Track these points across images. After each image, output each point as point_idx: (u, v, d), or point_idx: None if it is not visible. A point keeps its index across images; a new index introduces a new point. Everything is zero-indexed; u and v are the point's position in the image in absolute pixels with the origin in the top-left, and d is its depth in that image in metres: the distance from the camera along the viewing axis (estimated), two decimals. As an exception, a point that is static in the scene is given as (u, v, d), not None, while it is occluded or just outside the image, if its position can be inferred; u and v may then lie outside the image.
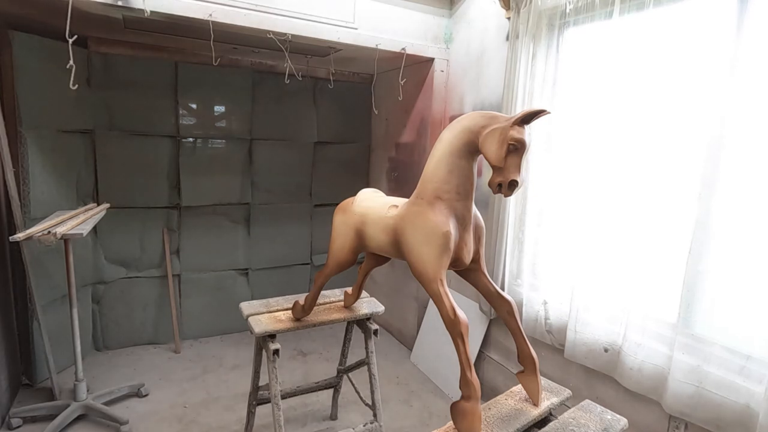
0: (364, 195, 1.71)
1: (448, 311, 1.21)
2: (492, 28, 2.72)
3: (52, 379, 2.52)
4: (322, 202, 3.95)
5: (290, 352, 3.34)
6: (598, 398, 2.08)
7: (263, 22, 2.47)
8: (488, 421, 1.28)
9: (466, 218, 1.29)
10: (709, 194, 1.64)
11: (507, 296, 1.37)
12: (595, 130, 2.02)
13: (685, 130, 1.78)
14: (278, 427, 1.84)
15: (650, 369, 1.82)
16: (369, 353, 2.12)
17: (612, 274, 2.00)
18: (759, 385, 1.51)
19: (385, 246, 1.49)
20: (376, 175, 4.04)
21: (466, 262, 1.34)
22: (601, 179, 1.99)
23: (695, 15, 1.76)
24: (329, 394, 2.63)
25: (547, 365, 2.35)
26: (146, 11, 2.14)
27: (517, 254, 2.47)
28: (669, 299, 1.80)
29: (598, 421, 1.32)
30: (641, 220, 1.88)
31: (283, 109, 3.65)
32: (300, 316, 1.90)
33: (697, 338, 1.70)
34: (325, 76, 3.52)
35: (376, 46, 2.78)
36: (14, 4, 2.21)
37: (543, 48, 2.31)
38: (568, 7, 2.13)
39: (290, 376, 3.00)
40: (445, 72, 3.15)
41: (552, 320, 2.29)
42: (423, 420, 2.65)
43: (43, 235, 2.04)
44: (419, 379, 3.10)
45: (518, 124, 1.12)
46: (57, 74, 2.49)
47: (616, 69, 1.92)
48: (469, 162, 1.26)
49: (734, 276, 1.61)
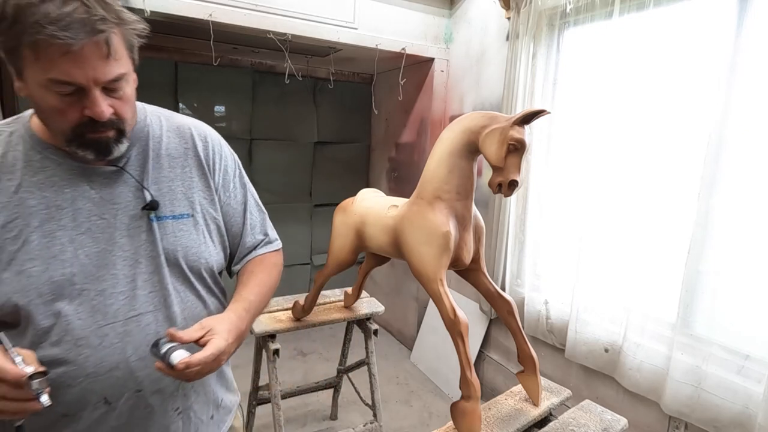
0: (364, 195, 1.71)
1: (448, 311, 1.21)
2: (492, 28, 2.72)
3: (52, 379, 2.52)
4: (322, 202, 3.95)
5: (290, 352, 3.34)
6: (598, 398, 2.08)
7: (263, 22, 2.46)
8: (488, 421, 1.28)
9: (466, 218, 1.29)
10: (708, 194, 1.64)
11: (507, 296, 1.37)
12: (596, 130, 2.02)
13: (685, 130, 1.78)
14: (278, 427, 1.84)
15: (649, 369, 1.82)
16: (369, 353, 2.12)
17: (612, 274, 2.00)
18: (758, 385, 1.51)
19: (385, 246, 1.49)
20: (376, 175, 4.04)
21: (466, 262, 1.34)
22: (602, 179, 1.99)
23: (695, 15, 1.76)
24: (329, 394, 2.63)
25: (548, 365, 2.35)
26: (146, 11, 2.14)
27: (518, 254, 2.47)
28: (668, 299, 1.80)
29: (598, 421, 1.32)
30: (641, 220, 1.88)
31: (283, 109, 3.65)
32: (300, 316, 1.90)
33: (697, 338, 1.70)
34: (325, 76, 3.52)
35: (376, 46, 2.78)
36: (14, 4, 2.21)
37: (543, 48, 2.31)
38: (568, 7, 2.13)
39: (290, 376, 3.00)
40: (445, 72, 3.15)
41: (553, 320, 2.29)
42: (423, 420, 2.66)
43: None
44: (419, 379, 3.10)
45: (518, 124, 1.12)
46: (57, 74, 2.49)
47: (617, 69, 1.92)
48: (469, 162, 1.26)
49: (734, 276, 1.61)
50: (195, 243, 0.89)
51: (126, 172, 0.83)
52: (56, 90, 0.69)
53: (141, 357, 0.81)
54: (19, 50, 0.67)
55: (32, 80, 0.69)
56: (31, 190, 0.76)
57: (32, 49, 0.65)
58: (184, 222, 0.87)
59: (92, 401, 0.79)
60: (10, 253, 0.73)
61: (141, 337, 0.81)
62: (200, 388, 0.94)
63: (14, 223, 0.74)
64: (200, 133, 0.96)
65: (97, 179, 0.80)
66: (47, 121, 0.75)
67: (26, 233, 0.75)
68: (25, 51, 0.66)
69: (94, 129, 0.73)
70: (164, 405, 0.86)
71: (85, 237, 0.78)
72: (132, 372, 0.80)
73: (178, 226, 0.86)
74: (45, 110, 0.72)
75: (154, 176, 0.86)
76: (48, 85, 0.68)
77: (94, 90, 0.70)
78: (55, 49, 0.65)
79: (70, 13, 0.64)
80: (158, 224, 0.84)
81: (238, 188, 1.00)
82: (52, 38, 0.64)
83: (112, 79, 0.72)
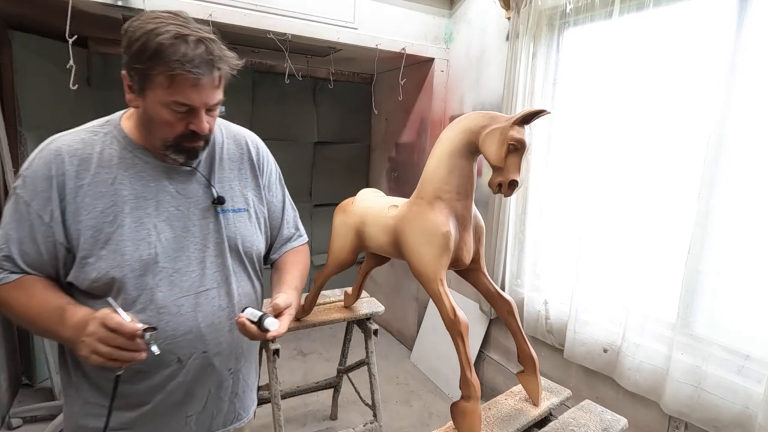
0: (364, 195, 1.71)
1: (448, 311, 1.21)
2: (492, 28, 2.72)
3: (52, 379, 2.52)
4: (322, 202, 3.94)
5: (290, 352, 3.34)
6: (598, 398, 2.08)
7: (263, 22, 2.47)
8: (488, 421, 1.28)
9: (466, 218, 1.29)
10: (708, 194, 1.64)
11: (507, 296, 1.37)
12: (596, 130, 2.02)
13: (685, 129, 1.78)
14: (278, 427, 1.84)
15: (649, 369, 1.82)
16: (369, 353, 2.12)
17: (612, 275, 2.00)
18: (758, 385, 1.51)
19: (385, 246, 1.49)
20: (376, 175, 4.04)
21: (466, 262, 1.34)
22: (602, 179, 1.99)
23: (695, 15, 1.76)
24: (329, 394, 2.63)
25: (547, 365, 2.35)
26: (146, 11, 2.14)
27: (518, 254, 2.47)
28: (668, 299, 1.80)
29: (598, 421, 1.32)
30: (641, 220, 1.88)
31: (283, 109, 3.65)
32: (300, 316, 1.90)
33: (696, 338, 1.70)
34: (325, 76, 3.52)
35: (376, 46, 2.78)
36: (14, 4, 2.21)
37: (543, 48, 2.31)
38: (568, 7, 2.13)
39: (290, 376, 3.00)
40: (445, 72, 3.15)
41: (552, 320, 2.29)
42: (423, 420, 2.66)
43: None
44: (419, 379, 3.10)
45: (518, 124, 1.12)
46: (57, 74, 2.48)
47: (616, 69, 1.92)
48: (469, 162, 1.26)
49: (733, 276, 1.61)
50: (249, 233, 1.06)
51: (198, 172, 1.01)
52: (174, 109, 0.87)
53: (208, 324, 0.98)
54: (151, 76, 0.84)
55: (155, 99, 0.86)
56: (123, 183, 0.92)
57: (168, 78, 0.84)
58: (241, 215, 1.05)
59: (168, 360, 0.95)
60: (107, 234, 0.90)
61: (208, 308, 0.99)
62: (249, 356, 1.12)
63: (111, 210, 0.90)
64: (252, 141, 1.17)
65: (175, 177, 0.97)
66: (154, 130, 0.91)
67: (120, 218, 0.91)
68: (159, 78, 0.84)
69: (192, 140, 0.92)
70: (222, 365, 1.03)
71: (165, 224, 0.95)
72: (201, 336, 0.97)
73: (237, 218, 1.04)
74: (157, 122, 0.89)
75: (218, 176, 1.04)
76: (169, 104, 0.86)
77: (201, 111, 0.89)
78: (187, 82, 0.84)
79: (200, 55, 0.84)
80: (223, 216, 1.02)
81: (279, 189, 1.21)
82: (188, 73, 0.83)
83: (215, 104, 0.91)
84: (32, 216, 0.88)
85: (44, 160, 0.90)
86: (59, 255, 0.90)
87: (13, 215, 0.89)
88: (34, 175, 0.89)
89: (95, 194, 0.90)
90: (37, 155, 0.91)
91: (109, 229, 0.90)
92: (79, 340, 0.81)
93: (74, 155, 0.91)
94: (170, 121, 0.88)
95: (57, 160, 0.90)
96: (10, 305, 0.89)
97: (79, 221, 0.89)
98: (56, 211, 0.88)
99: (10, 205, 0.90)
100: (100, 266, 0.89)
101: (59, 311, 0.86)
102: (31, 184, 0.89)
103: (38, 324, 0.89)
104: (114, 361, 0.80)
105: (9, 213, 0.90)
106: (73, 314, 0.85)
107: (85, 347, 0.80)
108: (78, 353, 0.82)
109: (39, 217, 0.88)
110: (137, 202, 0.92)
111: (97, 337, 0.79)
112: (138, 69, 0.85)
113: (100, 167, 0.91)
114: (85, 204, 0.89)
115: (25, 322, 0.90)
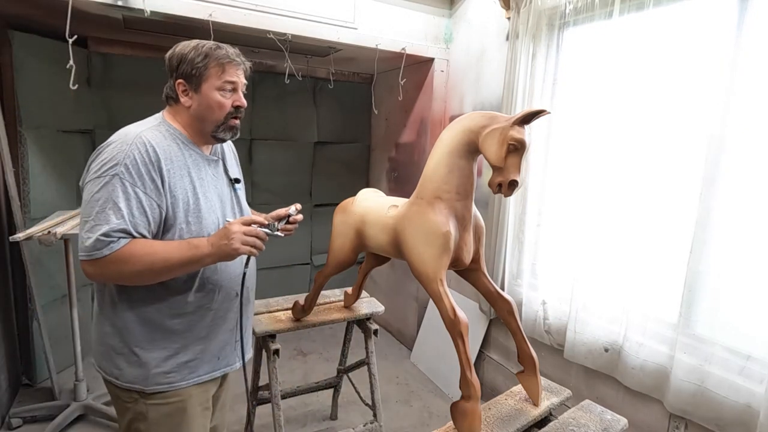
0: (364, 195, 1.71)
1: (448, 311, 1.21)
2: (492, 28, 2.72)
3: (52, 379, 2.52)
4: (322, 202, 3.95)
5: (290, 352, 3.34)
6: (598, 398, 2.08)
7: (263, 22, 2.47)
8: (488, 421, 1.28)
9: (466, 218, 1.29)
10: (709, 194, 1.64)
11: (507, 296, 1.37)
12: (596, 130, 2.02)
13: (686, 129, 1.78)
14: (278, 427, 1.84)
15: (652, 368, 1.82)
16: (369, 353, 2.12)
17: (612, 274, 2.00)
18: (759, 385, 1.51)
19: (385, 246, 1.49)
20: (376, 175, 4.04)
21: (466, 262, 1.34)
22: (602, 179, 1.99)
23: (695, 15, 1.76)
24: (329, 394, 2.63)
25: (547, 365, 2.35)
26: (146, 11, 2.14)
27: (517, 254, 2.47)
28: (669, 299, 1.80)
29: (598, 421, 1.32)
30: (641, 220, 1.88)
31: (283, 109, 3.65)
32: (300, 316, 1.90)
33: (699, 338, 1.70)
34: (325, 76, 3.51)
35: (376, 46, 2.78)
36: (14, 4, 2.21)
37: (543, 48, 2.31)
38: (568, 7, 2.13)
39: (290, 376, 3.00)
40: (445, 72, 3.15)
41: (551, 320, 2.29)
42: (423, 420, 2.66)
43: (44, 235, 2.03)
44: (419, 379, 3.10)
45: (518, 124, 1.12)
46: (57, 74, 2.48)
47: (616, 69, 1.92)
48: (469, 162, 1.26)
49: (735, 276, 1.61)
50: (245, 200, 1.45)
51: (221, 160, 1.36)
52: (225, 89, 1.21)
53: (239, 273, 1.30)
54: (207, 70, 1.19)
55: (210, 87, 1.20)
56: (191, 168, 1.22)
57: (220, 67, 1.20)
58: (242, 190, 1.43)
59: (230, 295, 1.30)
60: (194, 207, 1.21)
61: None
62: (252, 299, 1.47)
63: (190, 186, 1.21)
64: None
65: (211, 163, 1.30)
66: (209, 116, 1.22)
67: (197, 194, 1.22)
68: (213, 69, 1.19)
69: (236, 115, 1.26)
70: (252, 299, 1.46)
71: (216, 197, 1.28)
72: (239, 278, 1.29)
73: (241, 192, 1.42)
74: (212, 107, 1.21)
75: (229, 164, 1.39)
76: (221, 86, 1.20)
77: (240, 90, 1.25)
78: (234, 66, 1.22)
79: (235, 52, 1.24)
80: (237, 191, 1.39)
81: None
82: (234, 61, 1.22)
83: (245, 85, 1.27)
84: (140, 194, 1.11)
85: (139, 150, 1.12)
86: (160, 221, 1.16)
87: (121, 195, 1.09)
88: (134, 162, 1.11)
89: (178, 176, 1.18)
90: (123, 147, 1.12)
91: (193, 205, 1.20)
92: (226, 241, 1.12)
93: (158, 146, 1.16)
94: (221, 102, 1.21)
95: (150, 149, 1.14)
96: (135, 258, 1.09)
97: (174, 195, 1.17)
98: (161, 187, 1.14)
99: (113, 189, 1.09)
100: (191, 229, 1.20)
101: (185, 243, 1.14)
102: (134, 168, 1.11)
103: (171, 260, 1.11)
104: (253, 248, 1.16)
105: (114, 194, 1.09)
106: (199, 239, 1.16)
107: (236, 241, 1.12)
108: (229, 249, 1.12)
109: (146, 193, 1.12)
110: (200, 182, 1.24)
111: (242, 231, 1.13)
112: (193, 73, 1.18)
113: (175, 156, 1.19)
114: (175, 183, 1.17)
115: (153, 265, 1.10)
